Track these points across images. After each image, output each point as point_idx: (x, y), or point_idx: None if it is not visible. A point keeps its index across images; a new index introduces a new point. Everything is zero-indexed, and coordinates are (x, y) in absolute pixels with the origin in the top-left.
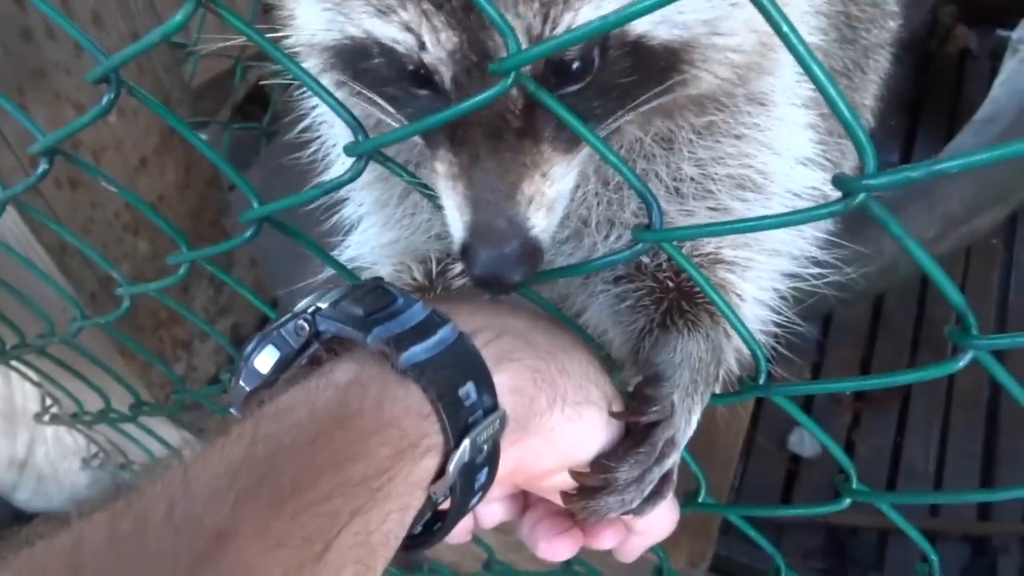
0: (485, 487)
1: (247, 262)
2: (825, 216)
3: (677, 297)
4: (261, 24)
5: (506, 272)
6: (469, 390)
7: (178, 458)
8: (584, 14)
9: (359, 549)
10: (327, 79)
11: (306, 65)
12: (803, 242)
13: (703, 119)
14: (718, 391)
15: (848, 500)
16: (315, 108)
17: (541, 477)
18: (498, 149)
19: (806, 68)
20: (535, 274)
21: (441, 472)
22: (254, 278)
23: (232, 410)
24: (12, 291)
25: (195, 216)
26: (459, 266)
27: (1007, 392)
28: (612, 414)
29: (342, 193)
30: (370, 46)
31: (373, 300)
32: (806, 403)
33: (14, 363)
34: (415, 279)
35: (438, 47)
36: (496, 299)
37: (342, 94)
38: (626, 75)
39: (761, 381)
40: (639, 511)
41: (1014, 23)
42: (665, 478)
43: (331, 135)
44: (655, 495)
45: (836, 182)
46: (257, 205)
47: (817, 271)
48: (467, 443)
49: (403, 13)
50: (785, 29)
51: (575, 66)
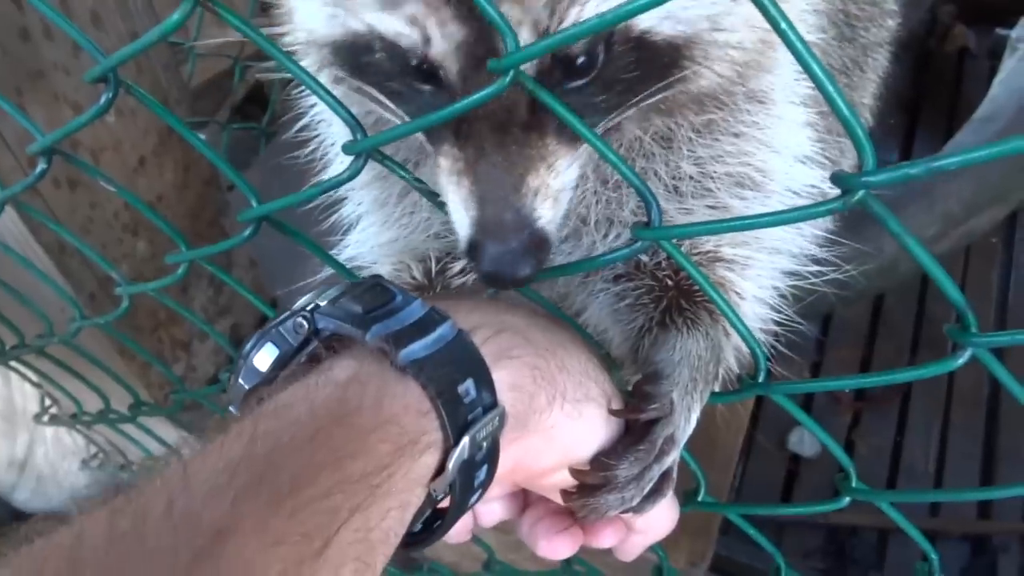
0: (485, 484)
1: (246, 263)
2: (824, 213)
3: (676, 295)
4: (260, 25)
5: (515, 266)
6: (468, 387)
7: (177, 456)
8: (590, 8)
9: (359, 546)
10: (325, 76)
11: (304, 63)
12: (802, 240)
13: (702, 117)
14: (717, 389)
15: (848, 498)
16: (313, 107)
17: (541, 475)
18: (504, 143)
19: (804, 65)
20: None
21: (441, 469)
22: (253, 278)
23: (231, 408)
24: (11, 291)
25: (194, 216)
26: (458, 265)
27: (1007, 391)
28: (611, 411)
29: (341, 192)
30: (372, 41)
31: (372, 297)
32: (806, 403)
33: (13, 363)
34: (414, 278)
35: (444, 40)
36: (495, 296)
37: (340, 91)
38: (629, 71)
39: (761, 379)
40: (639, 509)
41: (1013, 22)
42: (665, 476)
43: (329, 134)
44: (655, 493)
45: (835, 179)
46: (256, 204)
47: (816, 269)
48: (467, 440)
49: (408, 6)
50: (783, 26)
51: (580, 61)
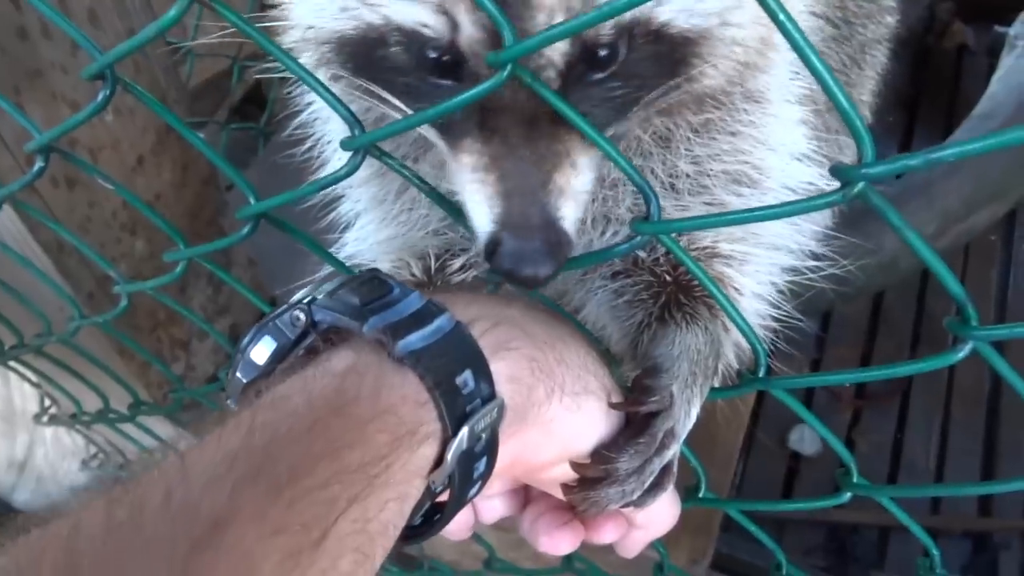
0: (484, 477)
1: (245, 262)
2: (824, 206)
3: (675, 291)
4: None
5: (538, 265)
6: (467, 378)
7: (175, 448)
8: None
9: (357, 537)
10: (323, 73)
11: (302, 60)
12: (800, 236)
13: (701, 117)
14: (717, 385)
15: (848, 493)
16: (311, 104)
17: (540, 469)
18: (532, 137)
19: (803, 56)
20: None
21: (439, 460)
22: (252, 277)
23: (229, 402)
24: (9, 290)
25: (192, 215)
26: (458, 261)
27: (1007, 388)
28: (611, 405)
29: (339, 190)
30: (388, 34)
31: (369, 290)
32: (806, 401)
33: (12, 363)
34: (413, 275)
35: (474, 27)
36: (494, 290)
37: (338, 89)
38: (645, 66)
39: (760, 374)
40: (640, 503)
41: (1011, 19)
42: (665, 470)
43: (327, 131)
44: (656, 487)
45: (834, 171)
46: (254, 201)
47: (814, 264)
48: (465, 431)
49: None
50: (781, 17)
51: (602, 53)
